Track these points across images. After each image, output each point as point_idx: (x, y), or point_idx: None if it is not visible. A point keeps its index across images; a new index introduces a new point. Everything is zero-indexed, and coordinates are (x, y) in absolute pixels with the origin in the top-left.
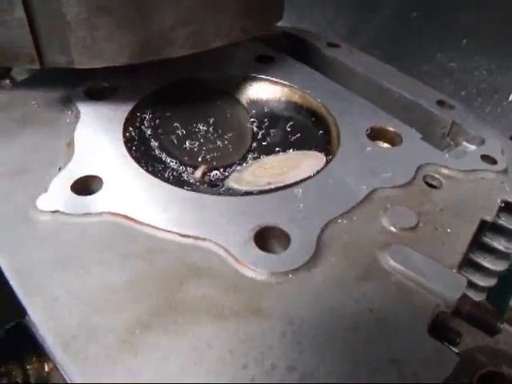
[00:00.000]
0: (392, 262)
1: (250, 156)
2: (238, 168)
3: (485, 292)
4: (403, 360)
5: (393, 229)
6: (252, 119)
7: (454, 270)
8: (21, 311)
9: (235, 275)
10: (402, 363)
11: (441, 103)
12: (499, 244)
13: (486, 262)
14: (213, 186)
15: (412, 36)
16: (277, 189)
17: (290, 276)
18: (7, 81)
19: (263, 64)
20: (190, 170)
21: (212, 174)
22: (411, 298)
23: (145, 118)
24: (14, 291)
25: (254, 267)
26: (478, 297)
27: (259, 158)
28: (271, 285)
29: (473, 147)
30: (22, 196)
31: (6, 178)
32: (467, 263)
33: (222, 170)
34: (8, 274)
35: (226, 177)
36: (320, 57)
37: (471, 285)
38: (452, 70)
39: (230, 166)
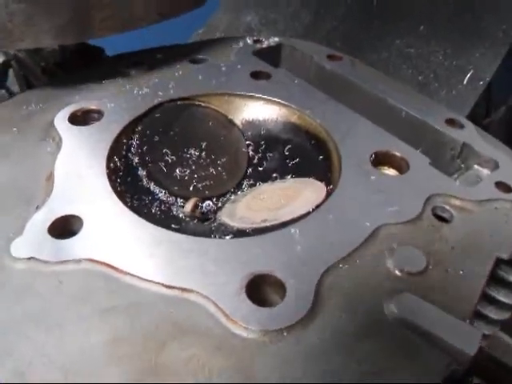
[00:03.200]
0: (399, 315)
1: (245, 183)
2: (233, 197)
3: (497, 325)
4: None
5: (399, 273)
6: (247, 142)
7: (468, 321)
8: None
9: (225, 333)
10: None
11: (450, 122)
12: None
13: (501, 296)
14: (204, 221)
15: (372, 24)
16: (272, 228)
17: (285, 334)
18: (3, 91)
19: (259, 81)
20: (180, 201)
21: (204, 204)
22: (420, 357)
23: (131, 144)
24: None
25: (246, 324)
26: (489, 330)
27: (255, 185)
28: (264, 344)
29: (485, 171)
30: None
31: None
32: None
33: (214, 199)
34: None
35: (220, 208)
36: (320, 71)
37: (483, 317)
38: (410, 56)
39: (224, 194)
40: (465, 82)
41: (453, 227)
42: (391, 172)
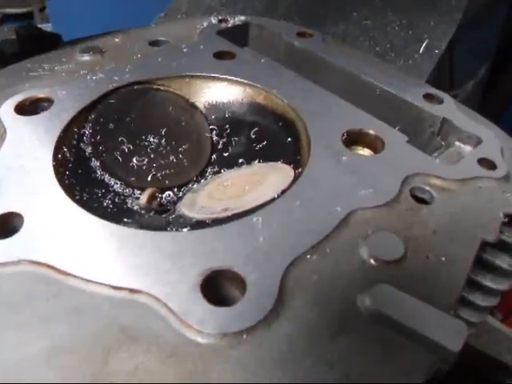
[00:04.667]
0: (374, 308)
1: (209, 170)
2: (195, 187)
3: (486, 311)
4: None
5: (374, 262)
6: (211, 126)
7: (452, 312)
8: None
9: (177, 339)
10: None
11: (428, 97)
12: (503, 262)
13: (488, 281)
14: (162, 213)
15: None
16: (233, 217)
17: (245, 337)
18: None
19: (223, 61)
20: (137, 193)
21: (164, 195)
22: (399, 356)
23: (84, 133)
24: None
25: (201, 327)
26: (477, 317)
27: (220, 172)
28: (222, 350)
29: (468, 148)
30: None
31: None
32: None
33: (175, 189)
34: None
35: (180, 198)
36: (289, 49)
37: (469, 304)
38: (366, 28)
39: (186, 184)
40: (421, 51)
41: (433, 209)
42: (365, 152)
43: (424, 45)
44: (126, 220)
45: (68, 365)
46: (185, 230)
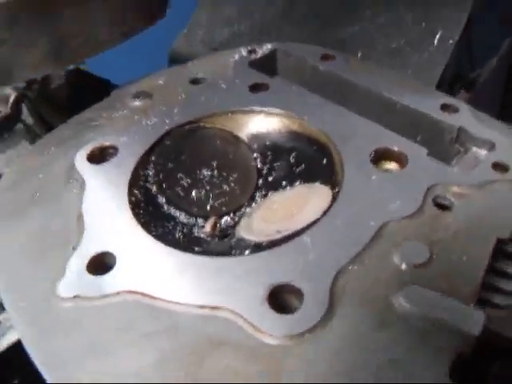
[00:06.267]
0: (407, 306)
1: (258, 195)
2: (248, 210)
3: None
4: None
5: (405, 267)
6: (255, 155)
7: (472, 304)
8: None
9: (254, 342)
10: None
11: (445, 107)
12: None
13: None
14: (224, 237)
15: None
16: (286, 238)
17: (307, 335)
18: (20, 125)
19: (258, 93)
20: (200, 221)
21: (223, 220)
22: (430, 342)
23: (148, 174)
24: None
25: (271, 332)
26: (504, 301)
27: (267, 195)
28: (290, 348)
29: (483, 152)
30: (43, 283)
31: (26, 264)
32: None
33: (231, 214)
34: (40, 369)
35: (237, 222)
36: (315, 72)
37: (497, 289)
38: (381, 25)
39: (240, 208)
40: (435, 43)
41: (454, 214)
42: (392, 165)
43: (438, 36)
44: (196, 248)
45: (174, 370)
46: (246, 252)
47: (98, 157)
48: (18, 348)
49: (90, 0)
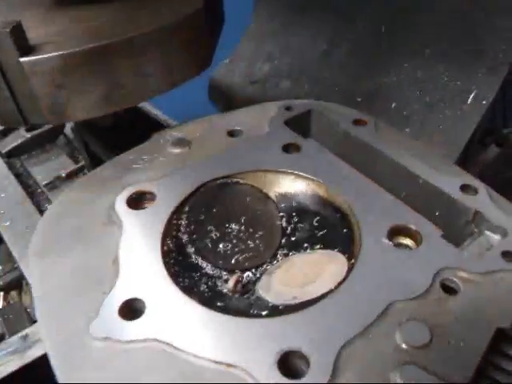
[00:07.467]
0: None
1: (279, 253)
2: (269, 268)
3: None
4: None
5: (406, 347)
6: (281, 214)
7: None
8: None
9: None
10: None
11: (464, 188)
12: None
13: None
14: (244, 293)
15: (382, 49)
16: (301, 306)
17: None
18: (61, 137)
19: (290, 155)
20: (224, 274)
21: (245, 275)
22: None
23: (180, 224)
24: None
25: None
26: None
27: (288, 254)
28: None
29: (496, 237)
30: (77, 319)
31: (65, 299)
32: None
33: (254, 270)
34: None
35: (258, 278)
36: (346, 137)
37: (503, 370)
38: (417, 78)
39: (261, 265)
40: (469, 101)
41: (458, 299)
42: (407, 241)
43: (472, 96)
44: (219, 304)
45: None
46: (264, 312)
47: (137, 201)
48: (43, 361)
49: (145, 54)
